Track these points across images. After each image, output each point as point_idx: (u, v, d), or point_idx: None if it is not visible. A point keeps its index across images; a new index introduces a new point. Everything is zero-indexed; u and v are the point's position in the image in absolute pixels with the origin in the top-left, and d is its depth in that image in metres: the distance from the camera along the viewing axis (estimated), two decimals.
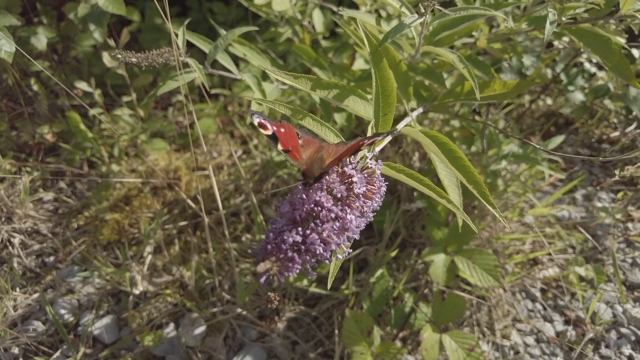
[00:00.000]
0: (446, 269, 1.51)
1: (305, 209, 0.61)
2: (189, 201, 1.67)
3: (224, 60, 1.35)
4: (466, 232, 1.54)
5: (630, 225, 1.98)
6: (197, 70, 1.19)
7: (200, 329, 1.52)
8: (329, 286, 0.69)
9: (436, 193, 0.70)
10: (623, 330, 1.62)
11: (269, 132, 0.71)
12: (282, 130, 0.72)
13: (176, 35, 1.21)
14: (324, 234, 0.59)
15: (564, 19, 1.21)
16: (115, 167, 1.89)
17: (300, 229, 0.58)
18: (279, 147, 0.70)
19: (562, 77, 2.07)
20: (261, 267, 0.53)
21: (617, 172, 1.28)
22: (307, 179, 0.65)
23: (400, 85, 1.06)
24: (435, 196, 0.70)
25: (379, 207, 0.68)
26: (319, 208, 0.60)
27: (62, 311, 1.55)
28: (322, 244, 0.59)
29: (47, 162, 1.93)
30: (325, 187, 0.64)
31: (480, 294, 1.66)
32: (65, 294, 1.62)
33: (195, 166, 1.66)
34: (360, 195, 0.64)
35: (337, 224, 0.61)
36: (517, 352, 1.56)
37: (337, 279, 1.68)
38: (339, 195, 0.64)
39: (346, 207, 0.62)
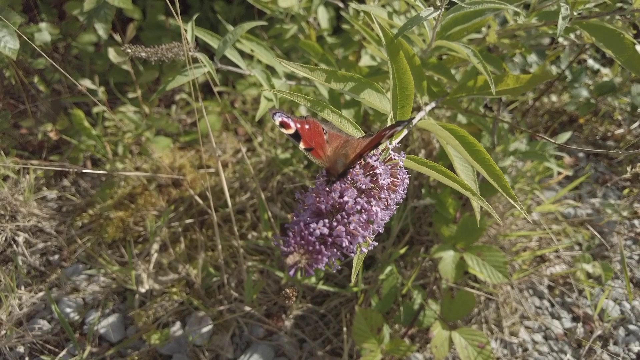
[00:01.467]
0: (455, 266, 1.50)
1: (330, 201, 0.60)
2: (197, 198, 1.66)
3: (233, 55, 1.33)
4: (475, 228, 1.54)
5: (636, 222, 1.98)
6: (207, 65, 1.18)
7: (207, 327, 1.51)
8: (352, 281, 0.68)
9: (460, 185, 0.70)
10: (631, 327, 1.61)
11: (292, 131, 0.69)
12: (307, 127, 0.70)
13: (185, 31, 1.19)
14: (351, 227, 0.58)
15: (575, 13, 1.21)
16: (119, 165, 1.88)
17: (326, 220, 0.57)
18: (301, 145, 0.68)
19: (567, 73, 2.07)
20: (290, 259, 0.52)
21: (629, 168, 1.28)
22: (331, 176, 0.64)
23: (414, 79, 1.05)
24: (459, 188, 0.69)
25: (402, 200, 0.67)
26: (345, 200, 0.59)
27: (68, 310, 1.54)
28: (348, 237, 0.58)
29: (50, 160, 1.91)
30: (349, 179, 0.63)
31: (488, 290, 1.66)
32: (71, 293, 1.60)
33: (203, 164, 1.64)
34: (385, 187, 0.63)
35: (364, 216, 0.59)
36: (525, 349, 1.56)
37: (345, 277, 1.66)
38: (363, 187, 0.62)
39: (371, 199, 0.61)
